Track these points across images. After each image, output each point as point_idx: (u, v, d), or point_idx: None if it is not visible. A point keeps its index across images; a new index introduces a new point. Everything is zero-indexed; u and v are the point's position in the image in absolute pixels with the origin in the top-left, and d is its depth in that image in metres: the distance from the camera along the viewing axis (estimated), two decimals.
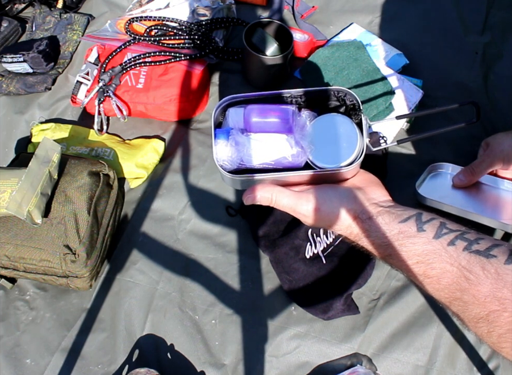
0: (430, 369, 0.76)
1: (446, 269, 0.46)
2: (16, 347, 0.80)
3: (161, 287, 0.84)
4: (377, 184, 0.56)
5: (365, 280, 0.79)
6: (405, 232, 0.49)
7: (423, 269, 0.48)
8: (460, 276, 0.45)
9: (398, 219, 0.50)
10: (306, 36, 1.05)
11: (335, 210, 0.53)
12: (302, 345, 0.78)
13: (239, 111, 0.56)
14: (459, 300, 0.45)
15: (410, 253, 0.48)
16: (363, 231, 0.52)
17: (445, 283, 0.46)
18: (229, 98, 0.57)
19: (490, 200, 0.82)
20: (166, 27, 1.04)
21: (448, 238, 0.47)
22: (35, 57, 1.02)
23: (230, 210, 0.89)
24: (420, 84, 0.97)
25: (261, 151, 0.55)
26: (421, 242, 0.48)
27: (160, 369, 0.77)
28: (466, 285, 0.44)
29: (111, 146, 0.95)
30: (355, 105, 0.56)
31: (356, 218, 0.52)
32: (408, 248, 0.48)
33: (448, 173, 0.87)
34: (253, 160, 0.55)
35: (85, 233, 0.79)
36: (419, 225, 0.49)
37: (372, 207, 0.52)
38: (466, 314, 0.45)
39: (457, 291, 0.45)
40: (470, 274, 0.44)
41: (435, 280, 0.47)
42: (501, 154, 0.80)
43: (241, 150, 0.54)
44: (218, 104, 0.57)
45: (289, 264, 0.81)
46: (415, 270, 0.48)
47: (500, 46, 1.06)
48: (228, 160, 0.55)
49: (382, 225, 0.50)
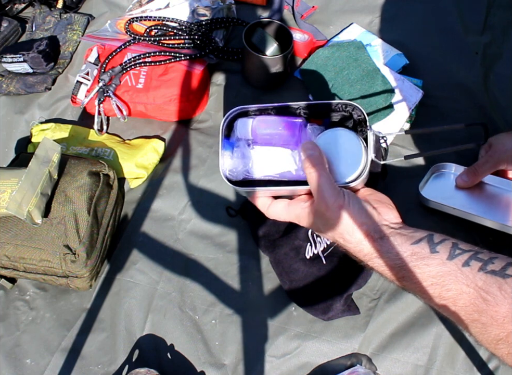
0: (429, 369, 0.76)
1: (462, 290, 0.45)
2: (16, 347, 0.80)
3: (161, 287, 0.84)
4: (389, 205, 0.55)
5: (365, 280, 0.79)
6: (418, 254, 0.48)
7: (439, 291, 0.47)
8: (477, 297, 0.44)
9: (410, 241, 0.50)
10: (306, 36, 1.05)
11: (349, 220, 0.52)
12: (302, 345, 0.78)
13: (247, 122, 0.56)
14: (477, 322, 0.45)
15: (424, 275, 0.48)
16: (375, 250, 0.51)
17: (461, 305, 0.46)
18: (237, 109, 0.58)
19: (493, 201, 0.82)
20: (166, 27, 1.04)
21: (462, 259, 0.47)
22: (35, 57, 1.02)
23: (230, 210, 0.89)
24: (420, 84, 0.97)
25: (266, 165, 0.56)
26: (435, 263, 0.47)
27: (160, 369, 0.77)
28: (484, 306, 0.44)
29: (111, 146, 0.95)
30: (361, 120, 0.56)
31: (368, 235, 0.51)
32: (422, 269, 0.48)
33: (451, 173, 0.87)
34: (258, 172, 0.56)
35: (85, 233, 0.79)
36: (431, 246, 0.48)
37: (384, 228, 0.52)
38: (485, 336, 0.45)
39: (474, 312, 0.45)
40: (487, 295, 0.44)
41: (451, 302, 0.46)
42: (505, 155, 0.80)
43: (247, 163, 0.55)
44: (227, 115, 0.58)
45: (289, 265, 0.81)
46: (430, 292, 0.48)
47: (500, 46, 1.06)
48: (233, 171, 0.56)
49: (394, 246, 0.50)
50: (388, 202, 0.56)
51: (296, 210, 0.56)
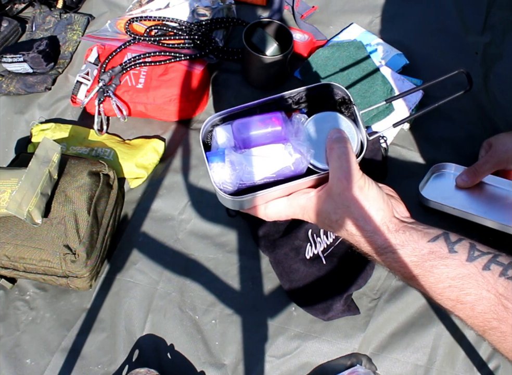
0: (429, 369, 0.76)
1: (482, 296, 0.43)
2: (16, 347, 0.80)
3: (161, 287, 0.84)
4: (398, 199, 0.52)
5: (365, 280, 0.79)
6: (436, 252, 0.45)
7: (456, 294, 0.44)
8: (497, 304, 0.42)
9: (426, 238, 0.46)
10: (306, 36, 1.05)
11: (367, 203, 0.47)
12: (302, 345, 0.78)
13: (226, 129, 0.52)
14: (496, 330, 0.43)
15: (442, 276, 0.45)
16: (389, 244, 0.47)
17: (479, 310, 0.43)
18: (212, 117, 0.53)
19: (494, 201, 0.82)
20: (166, 27, 1.04)
21: (482, 261, 0.44)
22: (35, 57, 1.02)
23: (230, 211, 0.89)
24: (420, 84, 0.98)
25: (261, 166, 0.51)
26: (455, 265, 0.44)
27: (160, 369, 0.77)
28: (504, 314, 0.42)
29: (111, 146, 0.95)
30: (344, 98, 0.54)
31: (384, 225, 0.48)
32: (440, 270, 0.45)
33: (451, 173, 0.87)
34: (253, 177, 0.51)
35: (85, 233, 0.79)
36: (449, 245, 0.46)
37: (397, 221, 0.48)
38: (504, 344, 0.43)
39: (493, 320, 0.43)
40: (508, 302, 0.42)
41: (469, 307, 0.44)
42: (505, 155, 0.80)
43: (239, 169, 0.51)
44: (203, 127, 0.53)
45: (289, 265, 0.81)
46: (446, 294, 0.45)
47: (500, 46, 1.06)
48: (228, 182, 0.51)
49: (410, 242, 0.46)
50: (396, 195, 0.53)
51: (300, 201, 0.51)
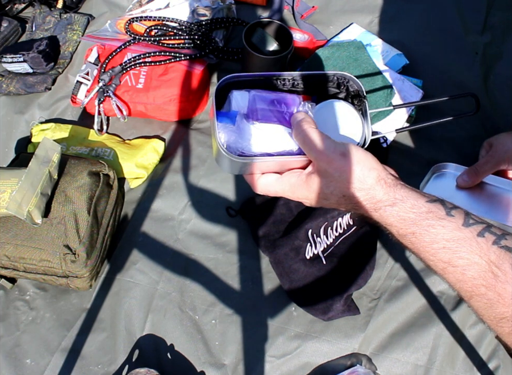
0: (429, 369, 0.76)
1: (474, 261, 0.43)
2: (16, 347, 0.80)
3: (161, 287, 0.84)
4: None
5: (365, 280, 0.79)
6: (435, 212, 0.45)
7: (449, 256, 0.44)
8: (487, 270, 0.43)
9: (425, 198, 0.46)
10: (306, 36, 1.05)
11: (357, 166, 0.47)
12: (302, 345, 0.78)
13: (244, 96, 0.52)
14: (482, 296, 0.43)
15: (438, 237, 0.45)
16: (387, 198, 0.46)
17: (469, 275, 0.43)
18: (230, 77, 0.53)
19: (494, 201, 0.82)
20: (166, 27, 1.04)
21: (477, 228, 0.44)
22: (35, 57, 1.02)
23: (230, 211, 0.89)
24: (420, 84, 0.98)
25: (266, 143, 0.52)
26: (451, 227, 0.44)
27: (160, 369, 0.77)
28: (493, 282, 0.42)
29: (111, 146, 0.95)
30: (358, 93, 0.54)
31: (381, 179, 0.47)
32: (437, 230, 0.45)
33: (452, 173, 0.87)
34: (256, 150, 0.51)
35: (85, 233, 0.79)
36: (446, 209, 0.46)
37: (393, 177, 0.48)
38: (489, 311, 0.43)
39: (481, 286, 0.43)
40: (498, 270, 0.42)
41: (460, 271, 0.44)
42: (505, 155, 0.80)
43: (245, 139, 0.51)
44: (219, 84, 0.53)
45: (289, 265, 0.81)
46: (439, 255, 0.45)
47: (500, 46, 1.06)
48: (231, 146, 0.51)
49: (409, 198, 0.46)
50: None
51: (291, 179, 0.51)
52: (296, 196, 0.52)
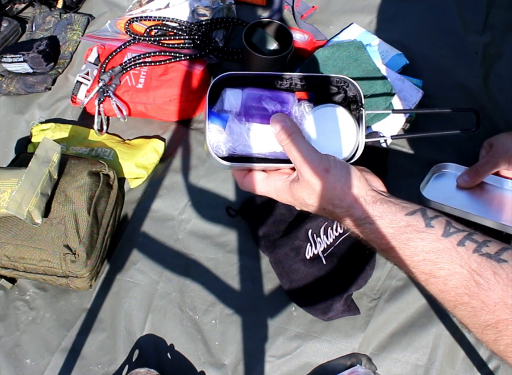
0: (429, 369, 0.76)
1: (456, 271, 0.43)
2: (16, 347, 0.80)
3: (161, 287, 0.84)
4: (372, 174, 0.53)
5: (365, 280, 0.79)
6: (413, 226, 0.46)
7: (430, 268, 0.45)
8: (469, 279, 0.43)
9: (404, 211, 0.47)
10: (306, 36, 1.05)
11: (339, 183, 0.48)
12: (302, 345, 0.78)
13: (237, 94, 0.52)
14: (466, 305, 0.43)
15: (417, 249, 0.45)
16: (367, 215, 0.48)
17: (452, 285, 0.44)
18: (225, 75, 0.52)
19: (495, 201, 0.82)
20: (166, 27, 1.04)
21: (457, 237, 0.45)
22: (35, 57, 1.02)
23: (230, 211, 0.89)
24: (420, 84, 0.97)
25: (257, 144, 0.51)
26: (430, 239, 0.45)
27: (160, 369, 0.77)
28: (475, 290, 0.42)
29: (111, 146, 0.95)
30: (356, 97, 0.54)
31: (360, 197, 0.48)
32: (416, 243, 0.45)
33: (452, 173, 0.87)
34: (247, 150, 0.52)
35: (85, 233, 0.79)
36: (426, 220, 0.46)
37: (374, 193, 0.49)
38: (473, 320, 0.43)
39: (464, 295, 0.43)
40: (480, 278, 0.42)
41: (441, 281, 0.44)
42: (506, 155, 0.80)
43: (236, 140, 0.51)
44: (214, 81, 0.52)
45: (289, 265, 0.81)
46: (420, 268, 0.45)
47: (500, 46, 1.06)
48: (221, 147, 0.51)
49: (388, 213, 0.47)
50: (370, 172, 0.53)
51: (276, 183, 0.52)
52: (281, 199, 0.53)
